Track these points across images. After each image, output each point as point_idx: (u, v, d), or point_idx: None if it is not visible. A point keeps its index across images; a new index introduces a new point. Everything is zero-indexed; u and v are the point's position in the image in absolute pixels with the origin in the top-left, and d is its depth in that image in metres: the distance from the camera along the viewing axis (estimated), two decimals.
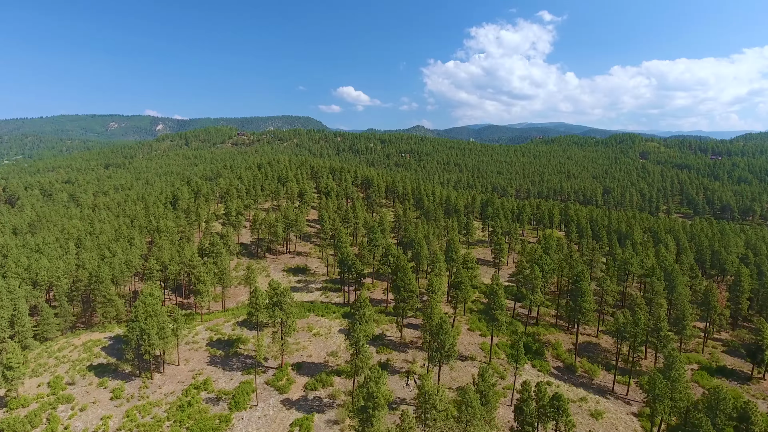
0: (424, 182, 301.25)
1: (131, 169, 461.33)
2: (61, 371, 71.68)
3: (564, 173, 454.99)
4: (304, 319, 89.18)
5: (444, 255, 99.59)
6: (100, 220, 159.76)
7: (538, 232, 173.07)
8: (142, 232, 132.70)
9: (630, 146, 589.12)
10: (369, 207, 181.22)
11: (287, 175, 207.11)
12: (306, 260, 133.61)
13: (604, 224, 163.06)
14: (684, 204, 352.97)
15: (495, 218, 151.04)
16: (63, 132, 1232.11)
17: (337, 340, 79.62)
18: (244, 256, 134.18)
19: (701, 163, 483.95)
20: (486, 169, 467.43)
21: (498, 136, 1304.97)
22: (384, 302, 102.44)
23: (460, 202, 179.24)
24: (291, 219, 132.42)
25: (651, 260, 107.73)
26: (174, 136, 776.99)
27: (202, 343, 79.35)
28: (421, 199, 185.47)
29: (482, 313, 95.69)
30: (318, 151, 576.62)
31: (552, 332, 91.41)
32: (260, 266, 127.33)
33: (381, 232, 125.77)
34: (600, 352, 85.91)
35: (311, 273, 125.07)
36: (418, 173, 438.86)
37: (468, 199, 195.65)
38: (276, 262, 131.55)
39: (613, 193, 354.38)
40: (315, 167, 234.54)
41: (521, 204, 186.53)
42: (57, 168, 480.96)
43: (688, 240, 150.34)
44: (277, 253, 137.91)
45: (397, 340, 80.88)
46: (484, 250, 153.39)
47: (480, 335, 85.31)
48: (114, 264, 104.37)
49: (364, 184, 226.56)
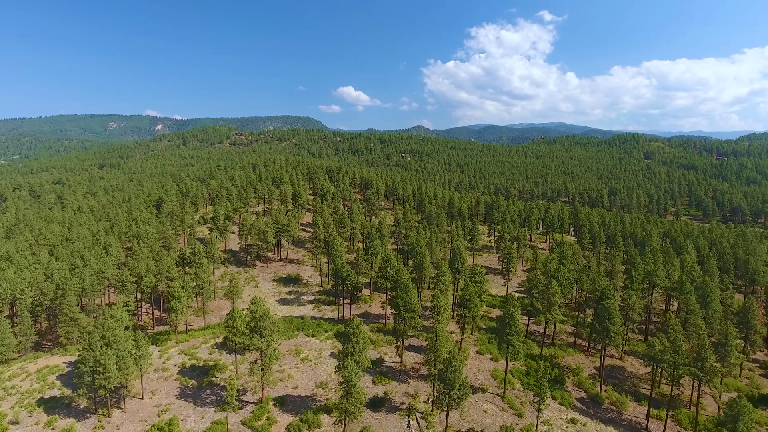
0: (425, 183, 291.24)
1: (126, 170, 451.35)
2: (7, 406, 61.59)
3: (568, 174, 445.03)
4: (292, 340, 79.13)
5: (449, 266, 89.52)
6: (80, 224, 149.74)
7: (547, 237, 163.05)
8: (120, 239, 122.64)
9: (634, 146, 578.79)
10: (367, 210, 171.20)
11: (282, 177, 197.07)
12: (299, 269, 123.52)
13: (618, 228, 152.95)
14: (692, 206, 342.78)
15: (502, 223, 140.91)
16: (61, 132, 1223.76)
17: (328, 367, 69.53)
18: (231, 264, 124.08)
19: (707, 164, 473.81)
20: (488, 170, 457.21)
21: (498, 136, 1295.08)
22: (382, 318, 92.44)
23: (463, 205, 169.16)
24: (282, 224, 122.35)
25: (676, 270, 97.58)
26: (171, 136, 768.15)
27: (174, 371, 69.27)
28: (423, 202, 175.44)
29: (492, 331, 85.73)
30: (317, 152, 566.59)
31: (570, 353, 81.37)
32: (248, 276, 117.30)
33: (379, 239, 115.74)
34: (626, 378, 75.88)
35: (304, 283, 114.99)
36: (418, 174, 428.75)
37: (472, 201, 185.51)
38: (266, 270, 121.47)
39: (620, 195, 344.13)
40: (311, 168, 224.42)
41: (528, 207, 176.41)
42: (50, 168, 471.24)
43: (708, 246, 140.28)
44: (267, 260, 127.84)
45: (397, 367, 70.83)
46: (490, 257, 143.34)
47: (491, 359, 75.24)
48: (84, 275, 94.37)
49: (363, 185, 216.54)
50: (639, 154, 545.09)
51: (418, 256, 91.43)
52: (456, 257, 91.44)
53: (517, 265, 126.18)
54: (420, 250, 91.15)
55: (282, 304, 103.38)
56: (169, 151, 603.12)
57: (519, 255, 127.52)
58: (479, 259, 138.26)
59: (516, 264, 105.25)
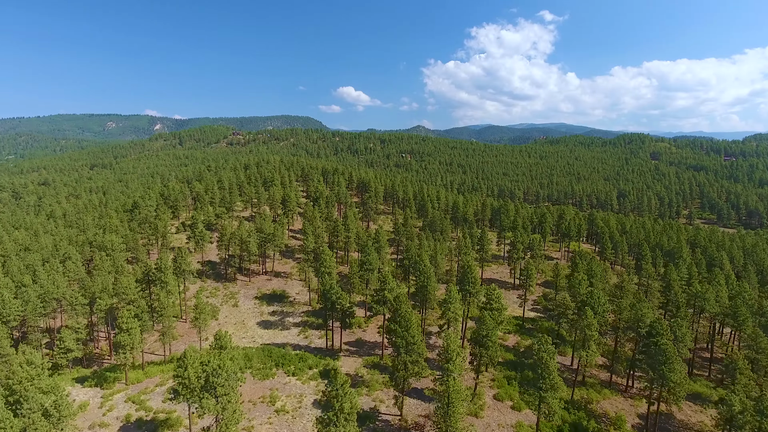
0: (426, 185, 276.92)
1: (117, 170, 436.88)
2: None
3: (573, 175, 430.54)
4: (267, 381, 64.82)
5: (458, 287, 75.17)
6: (47, 232, 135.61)
7: (561, 245, 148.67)
8: (83, 249, 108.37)
9: (640, 147, 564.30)
10: (365, 214, 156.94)
11: (273, 178, 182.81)
12: (285, 283, 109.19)
13: (640, 236, 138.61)
14: (705, 208, 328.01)
15: (513, 230, 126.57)
16: (59, 132, 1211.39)
17: (308, 423, 55.17)
18: (210, 277, 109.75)
19: (717, 165, 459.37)
20: (491, 171, 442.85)
21: (499, 136, 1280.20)
22: (379, 347, 78.22)
23: (469, 210, 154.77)
24: (267, 233, 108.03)
25: (723, 291, 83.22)
26: (168, 136, 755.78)
27: (114, 427, 54.90)
28: (425, 206, 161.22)
29: (511, 366, 71.41)
30: (315, 152, 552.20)
31: (606, 395, 66.98)
32: (228, 292, 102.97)
33: (376, 251, 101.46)
34: (678, 429, 61.55)
35: (290, 301, 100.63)
36: (419, 175, 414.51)
37: (477, 205, 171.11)
38: (248, 286, 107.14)
39: (629, 197, 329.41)
40: (306, 168, 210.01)
41: (540, 212, 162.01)
42: (40, 168, 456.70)
43: (744, 257, 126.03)
44: (251, 273, 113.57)
45: (396, 422, 56.43)
46: (500, 268, 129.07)
47: (512, 407, 60.84)
48: (29, 296, 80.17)
49: (361, 187, 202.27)
50: (645, 155, 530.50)
51: (421, 276, 77.12)
52: (466, 277, 77.08)
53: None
54: (424, 269, 76.79)
55: (263, 328, 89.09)
56: (164, 151, 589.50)
57: (535, 267, 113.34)
58: (489, 272, 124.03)
59: (533, 280, 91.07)
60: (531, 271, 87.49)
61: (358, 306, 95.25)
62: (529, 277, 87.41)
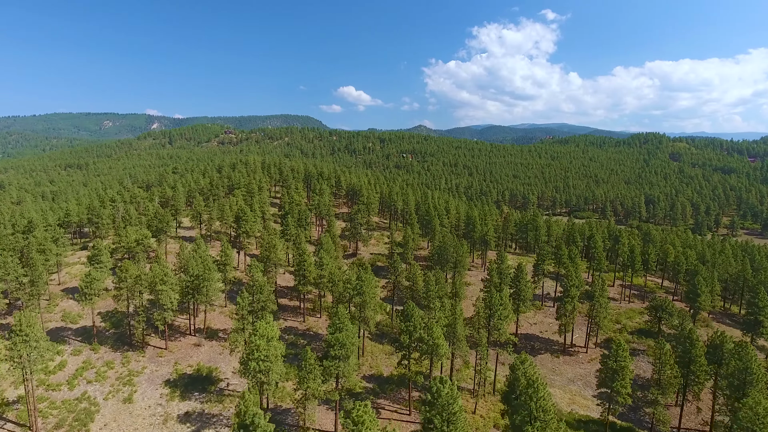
0: (430, 190, 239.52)
1: (91, 171, 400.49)
2: None
3: (591, 177, 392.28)
4: None
5: None
6: None
7: (614, 277, 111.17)
8: None
9: (657, 147, 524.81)
10: (353, 234, 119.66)
11: (248, 183, 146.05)
12: (220, 354, 71.84)
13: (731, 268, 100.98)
14: (747, 216, 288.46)
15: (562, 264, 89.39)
16: (54, 130, 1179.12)
17: None
18: (107, 342, 72.32)
19: (747, 167, 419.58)
20: (499, 172, 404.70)
21: (502, 136, 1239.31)
22: None
23: (488, 228, 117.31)
24: (194, 274, 70.68)
25: None
26: (157, 134, 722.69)
27: None
28: (431, 221, 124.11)
29: None
30: (310, 151, 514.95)
31: None
32: (125, 371, 65.72)
33: (360, 319, 64.39)
34: None
35: (218, 390, 63.41)
36: (421, 176, 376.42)
37: (498, 220, 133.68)
38: (161, 358, 69.73)
39: (660, 204, 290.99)
40: (284, 171, 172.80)
41: (582, 229, 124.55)
42: (9, 169, 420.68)
43: None
44: (174, 332, 76.39)
45: None
46: (539, 315, 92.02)
47: None
48: None
49: (351, 194, 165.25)
50: (664, 156, 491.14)
51: (434, 387, 39.77)
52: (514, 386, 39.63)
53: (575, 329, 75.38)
54: (438, 390, 39.41)
55: None
56: (153, 150, 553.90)
57: (594, 321, 75.95)
58: (524, 323, 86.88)
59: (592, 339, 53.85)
60: (626, 363, 49.83)
61: (325, 405, 58.19)
62: (618, 372, 49.98)
